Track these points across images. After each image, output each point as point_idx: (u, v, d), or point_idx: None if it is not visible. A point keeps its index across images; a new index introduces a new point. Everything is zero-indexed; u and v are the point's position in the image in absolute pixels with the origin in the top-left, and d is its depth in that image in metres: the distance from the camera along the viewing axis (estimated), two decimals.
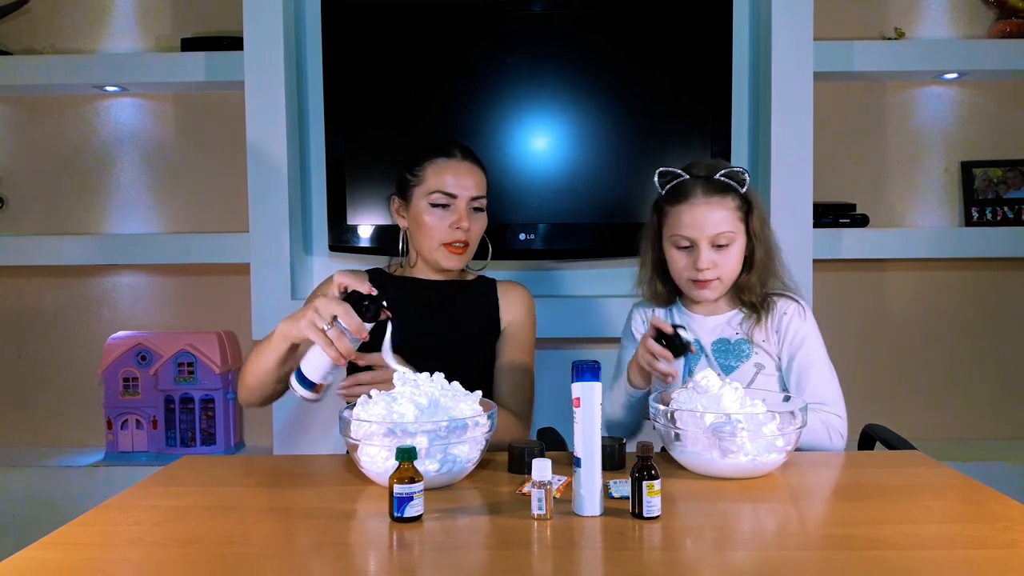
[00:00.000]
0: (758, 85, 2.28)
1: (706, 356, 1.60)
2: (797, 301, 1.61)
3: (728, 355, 1.59)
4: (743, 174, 1.56)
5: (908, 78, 2.40)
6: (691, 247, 1.56)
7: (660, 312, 1.68)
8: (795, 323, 1.57)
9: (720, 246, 1.55)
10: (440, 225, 1.63)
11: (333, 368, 1.31)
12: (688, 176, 1.58)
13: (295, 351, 1.39)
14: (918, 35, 2.41)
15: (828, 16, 2.34)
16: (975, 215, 2.40)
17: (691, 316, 1.64)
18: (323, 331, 1.28)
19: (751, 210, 1.57)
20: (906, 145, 2.45)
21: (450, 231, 1.63)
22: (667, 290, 1.66)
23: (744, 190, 1.56)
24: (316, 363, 1.31)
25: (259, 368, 1.43)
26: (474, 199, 1.65)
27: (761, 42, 2.24)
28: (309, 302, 1.66)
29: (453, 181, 1.63)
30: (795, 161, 2.17)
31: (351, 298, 1.31)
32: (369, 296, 1.31)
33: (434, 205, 1.64)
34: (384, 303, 1.32)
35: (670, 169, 1.61)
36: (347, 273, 1.37)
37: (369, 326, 1.30)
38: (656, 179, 1.62)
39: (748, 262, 1.59)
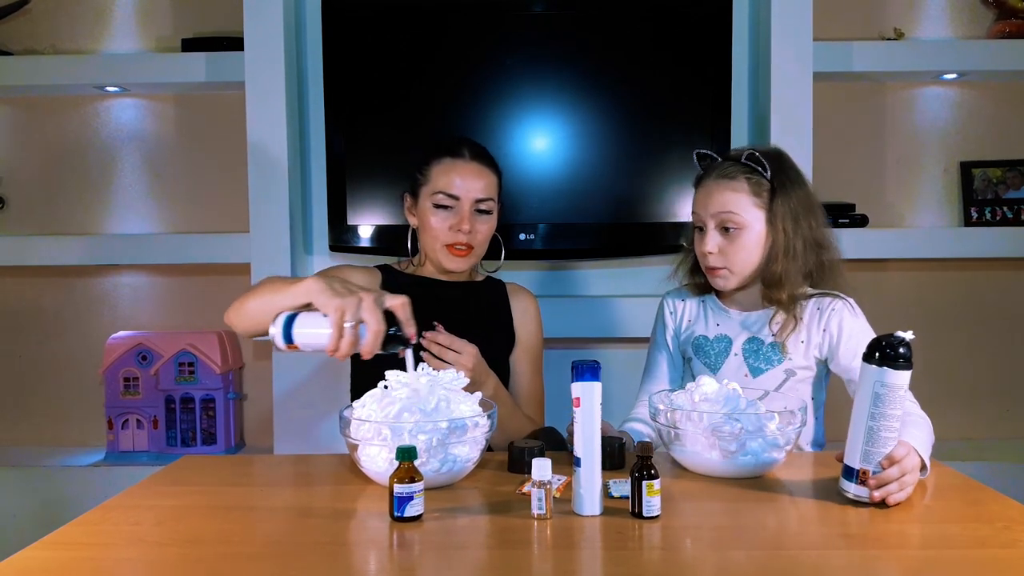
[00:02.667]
0: (758, 85, 2.28)
1: (734, 355, 1.54)
2: (843, 298, 1.51)
3: (758, 357, 1.52)
4: (766, 158, 1.47)
5: (908, 78, 2.40)
6: (703, 231, 1.51)
7: (691, 302, 1.63)
8: (847, 320, 1.48)
9: (727, 230, 1.48)
10: (442, 226, 1.62)
11: (319, 349, 1.26)
12: (717, 159, 1.53)
13: (307, 308, 1.32)
14: (917, 35, 2.41)
15: (828, 16, 2.34)
16: (974, 215, 2.40)
17: (726, 311, 1.58)
18: (344, 326, 1.23)
19: (777, 198, 1.47)
20: (906, 145, 2.45)
21: (451, 233, 1.62)
22: (705, 281, 1.59)
23: (768, 175, 1.47)
24: (312, 333, 1.25)
25: (268, 304, 1.33)
26: (479, 201, 1.63)
27: (761, 42, 2.25)
28: (328, 274, 1.61)
29: (456, 182, 1.62)
30: (795, 161, 2.17)
31: (389, 317, 1.27)
32: (400, 334, 1.26)
33: (437, 206, 1.63)
34: (410, 350, 1.28)
35: (704, 152, 1.55)
36: (408, 306, 1.29)
37: (378, 352, 1.27)
38: (695, 162, 1.56)
39: (773, 254, 1.49)
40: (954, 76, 2.37)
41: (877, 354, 1.11)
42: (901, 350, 1.10)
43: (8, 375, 2.54)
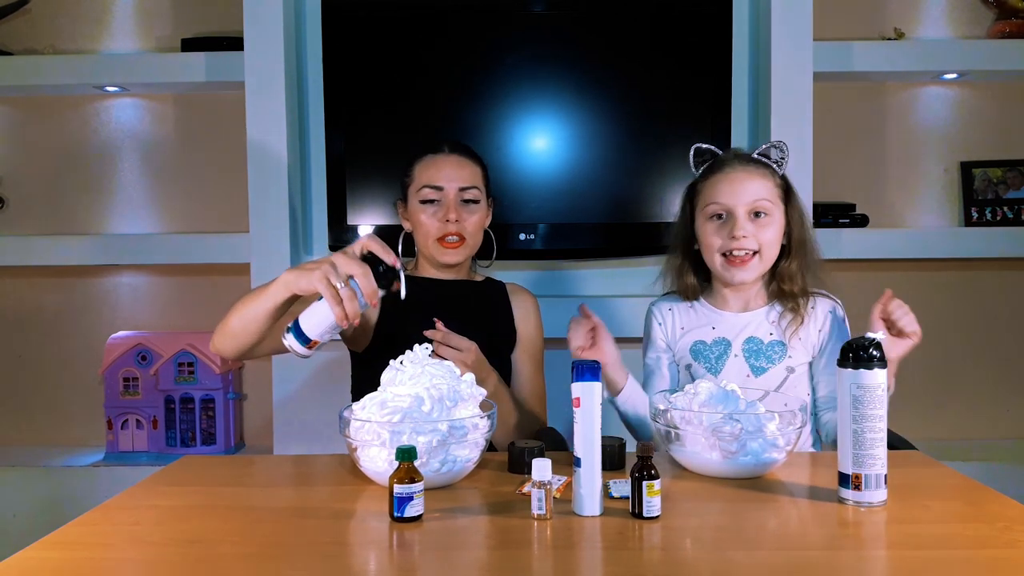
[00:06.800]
0: (758, 85, 2.28)
1: (734, 356, 1.55)
2: (835, 300, 1.57)
3: (759, 356, 1.53)
4: (779, 157, 1.53)
5: (908, 78, 2.40)
6: (727, 219, 1.49)
7: (681, 308, 1.60)
8: (842, 324, 1.53)
9: (758, 215, 1.48)
10: (431, 221, 1.64)
11: (334, 327, 1.25)
12: (719, 153, 1.56)
13: (291, 303, 1.33)
14: (918, 35, 2.41)
15: (828, 16, 2.34)
16: (975, 215, 2.40)
17: (720, 314, 1.57)
18: (335, 287, 1.22)
19: (790, 194, 1.54)
20: (906, 145, 2.45)
21: (440, 225, 1.64)
22: (698, 281, 1.59)
23: (782, 172, 1.53)
24: (318, 320, 1.25)
25: (248, 314, 1.34)
26: (463, 190, 1.65)
27: (761, 42, 2.25)
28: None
29: (439, 174, 1.65)
30: (795, 161, 2.14)
31: (368, 262, 1.26)
32: (386, 265, 1.26)
33: (423, 201, 1.65)
34: (401, 275, 1.28)
35: (707, 147, 1.55)
36: (375, 237, 1.29)
37: (382, 293, 1.27)
38: (691, 157, 1.56)
39: (787, 249, 1.52)
40: (954, 76, 2.37)
41: (851, 357, 1.15)
42: (872, 351, 1.14)
43: (8, 375, 2.54)
